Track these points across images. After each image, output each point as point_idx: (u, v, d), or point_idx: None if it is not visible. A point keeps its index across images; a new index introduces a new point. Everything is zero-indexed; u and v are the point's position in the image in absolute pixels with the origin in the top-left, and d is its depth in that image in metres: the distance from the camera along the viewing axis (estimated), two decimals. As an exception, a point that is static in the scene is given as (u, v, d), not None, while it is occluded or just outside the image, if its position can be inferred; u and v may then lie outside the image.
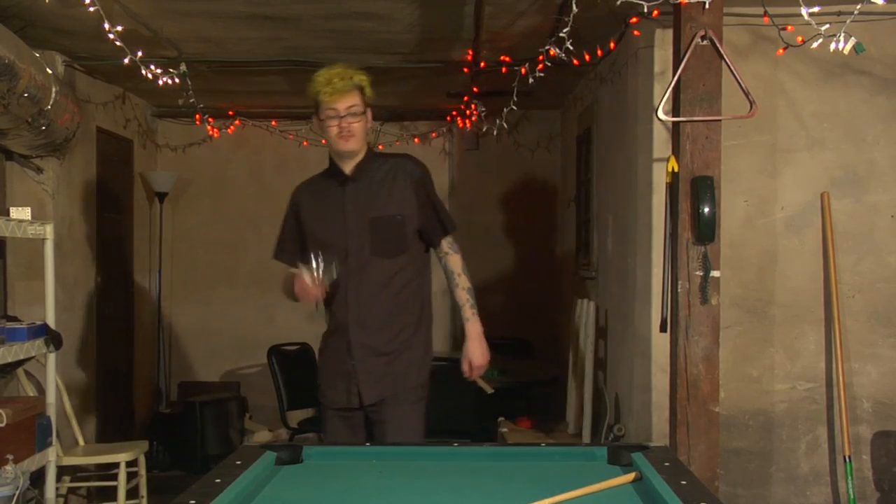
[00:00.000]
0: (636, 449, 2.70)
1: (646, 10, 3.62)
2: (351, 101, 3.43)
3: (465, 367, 3.66)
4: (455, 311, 8.03)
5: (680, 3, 3.72)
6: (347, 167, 3.53)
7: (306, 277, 3.34)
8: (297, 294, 3.46)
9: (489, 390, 3.82)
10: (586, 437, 5.25)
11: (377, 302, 3.50)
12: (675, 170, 3.83)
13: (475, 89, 6.02)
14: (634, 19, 4.23)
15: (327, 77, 3.42)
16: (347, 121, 3.42)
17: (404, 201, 3.52)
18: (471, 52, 5.36)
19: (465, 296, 3.64)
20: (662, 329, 3.96)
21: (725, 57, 3.73)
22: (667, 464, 2.48)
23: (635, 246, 4.72)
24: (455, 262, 3.66)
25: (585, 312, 5.52)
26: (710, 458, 3.75)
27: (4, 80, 4.20)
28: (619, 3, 3.58)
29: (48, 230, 4.73)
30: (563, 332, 7.02)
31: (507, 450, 3.19)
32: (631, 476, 2.47)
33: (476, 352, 3.64)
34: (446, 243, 3.64)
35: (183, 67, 5.47)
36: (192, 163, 7.90)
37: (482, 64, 5.44)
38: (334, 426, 3.64)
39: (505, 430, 5.68)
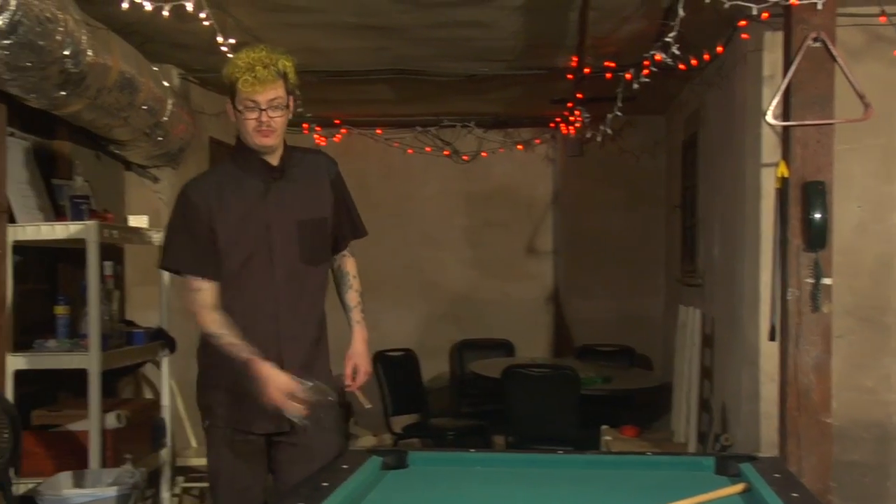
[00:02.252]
0: (745, 459, 2.66)
1: (755, 12, 3.56)
2: (274, 93, 2.97)
3: (348, 372, 3.20)
4: (555, 319, 8.06)
5: (791, 4, 3.64)
6: (273, 160, 3.09)
7: (298, 395, 2.89)
8: (265, 390, 2.90)
9: (368, 405, 3.38)
10: (692, 447, 5.17)
11: (307, 315, 3.14)
12: (785, 175, 3.75)
13: (579, 95, 5.99)
14: (743, 22, 4.16)
15: (248, 62, 2.97)
16: (268, 114, 2.98)
17: (325, 202, 3.17)
18: (575, 59, 5.34)
19: (356, 298, 3.29)
20: (771, 337, 3.88)
21: (838, 59, 3.64)
22: (777, 475, 2.44)
23: (743, 252, 4.64)
24: (351, 264, 3.32)
25: (691, 320, 5.44)
26: (822, 470, 3.66)
27: (125, 93, 4.37)
28: (727, 6, 3.53)
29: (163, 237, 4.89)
30: (668, 340, 6.93)
31: (611, 458, 3.18)
32: (740, 487, 2.43)
33: (364, 357, 3.23)
34: (349, 267, 3.32)
35: (292, 78, 5.59)
36: (300, 171, 8.04)
37: (586, 70, 5.42)
38: (233, 452, 3.12)
39: (609, 438, 5.63)
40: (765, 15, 3.72)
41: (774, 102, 3.80)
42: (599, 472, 2.71)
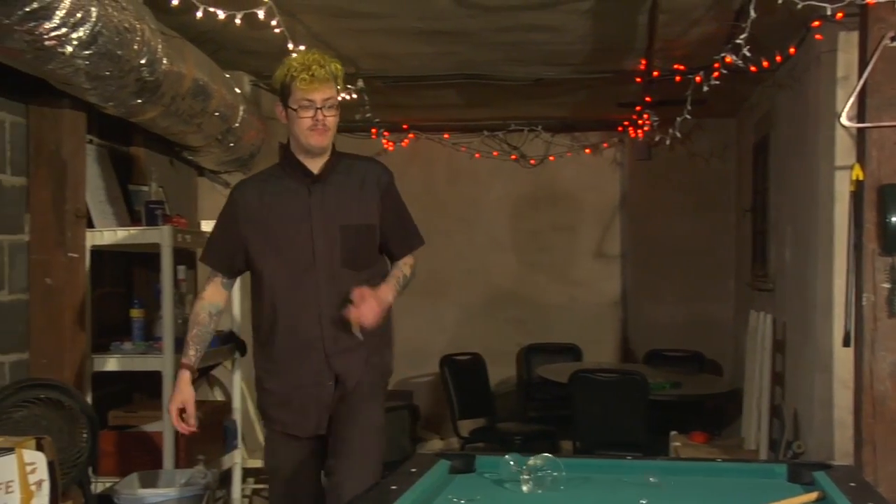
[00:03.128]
0: (819, 467, 2.62)
1: (829, 12, 3.51)
2: (329, 93, 3.07)
3: (357, 296, 3.06)
4: (623, 323, 8.00)
5: (867, 3, 3.58)
6: (314, 166, 3.16)
7: (190, 414, 3.16)
8: (170, 409, 3.18)
9: (358, 335, 3.12)
10: (763, 454, 5.10)
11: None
12: (861, 178, 3.68)
13: (647, 99, 5.95)
14: (816, 23, 4.09)
15: (304, 63, 3.06)
16: (323, 113, 3.06)
17: (373, 209, 3.21)
18: (644, 62, 5.31)
19: (400, 274, 3.28)
20: (846, 343, 3.81)
21: (916, 59, 3.57)
22: (852, 484, 2.39)
23: (816, 257, 4.56)
24: (406, 260, 3.36)
25: (762, 325, 5.36)
26: (899, 479, 3.58)
27: (199, 100, 4.46)
28: (800, 6, 3.48)
29: (235, 241, 4.96)
30: (738, 345, 6.84)
31: (681, 464, 3.14)
32: (813, 495, 2.39)
33: (373, 305, 3.07)
34: (406, 257, 3.35)
35: (360, 83, 5.65)
36: (368, 175, 8.10)
37: (655, 73, 5.38)
38: (287, 453, 3.28)
39: (678, 444, 5.58)
40: (839, 15, 3.66)
41: (849, 104, 3.73)
42: (669, 478, 2.68)
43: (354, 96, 5.61)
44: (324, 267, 3.12)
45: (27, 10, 2.99)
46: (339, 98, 3.17)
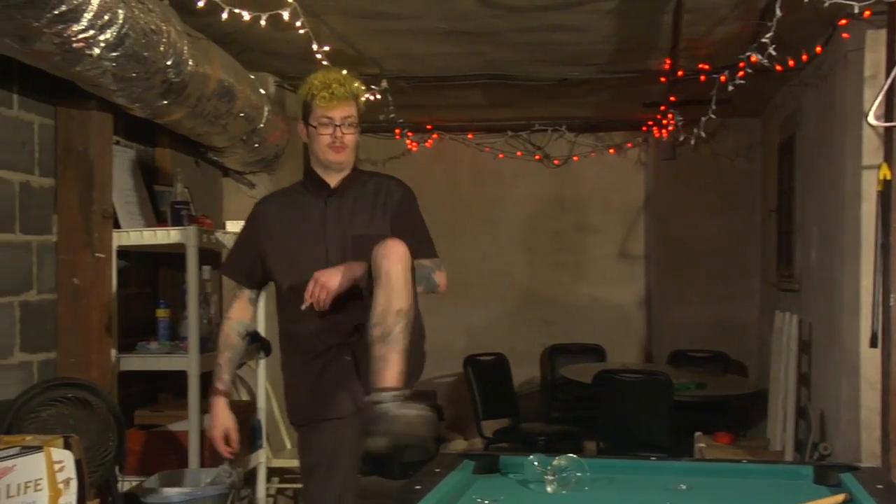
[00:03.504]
0: (845, 469, 2.60)
1: (856, 10, 3.48)
2: (348, 111, 3.14)
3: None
4: (647, 324, 7.97)
5: (895, 1, 3.55)
6: (332, 180, 3.22)
7: (233, 441, 3.22)
8: (210, 432, 3.26)
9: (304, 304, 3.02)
10: (789, 455, 5.07)
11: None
12: (888, 177, 3.67)
13: (672, 98, 5.93)
14: (843, 21, 4.07)
15: (324, 81, 3.13)
16: (342, 131, 3.13)
17: (385, 221, 3.20)
18: (668, 61, 5.29)
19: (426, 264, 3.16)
20: (873, 344, 3.79)
21: (944, 58, 3.54)
22: (880, 486, 2.38)
23: (842, 257, 4.53)
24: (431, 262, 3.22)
25: (787, 326, 5.33)
26: (927, 482, 3.55)
27: (224, 101, 4.48)
28: (826, 4, 3.46)
29: (259, 242, 4.98)
30: (763, 346, 6.80)
31: (706, 465, 3.13)
32: (840, 497, 2.38)
33: (328, 272, 2.98)
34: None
35: (384, 84, 5.66)
36: (392, 176, 8.12)
37: (680, 73, 5.36)
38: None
39: (702, 445, 5.56)
40: (867, 13, 3.63)
41: (876, 103, 3.71)
42: (694, 479, 2.67)
43: (378, 97, 5.62)
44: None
45: (56, 12, 3.02)
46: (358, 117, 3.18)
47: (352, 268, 3.02)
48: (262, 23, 3.87)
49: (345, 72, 3.22)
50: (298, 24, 4.00)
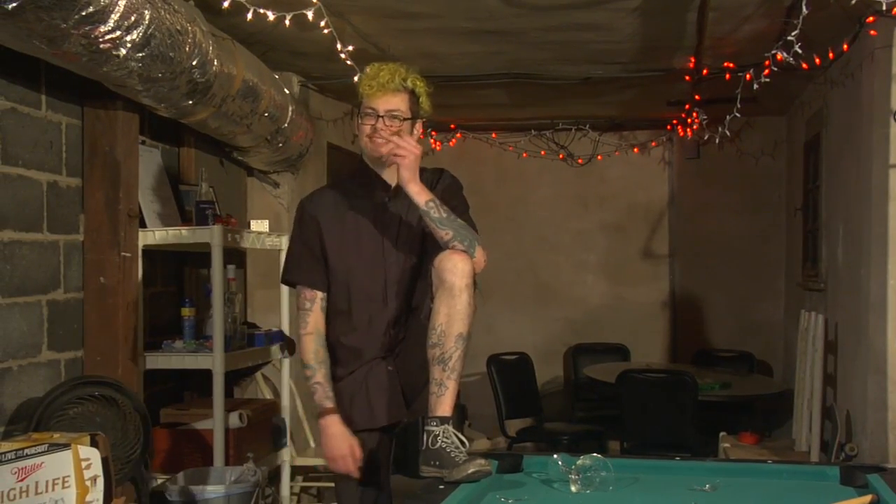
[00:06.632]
0: (872, 470, 2.59)
1: (884, 7, 3.45)
2: (393, 104, 2.93)
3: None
4: (671, 323, 7.93)
5: (922, -1, 3.52)
6: (391, 178, 3.03)
7: (356, 456, 2.98)
8: (335, 452, 3.00)
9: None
10: (815, 456, 5.04)
11: (420, 328, 2.97)
12: (916, 176, 3.63)
13: (696, 97, 5.90)
14: (871, 18, 4.03)
15: (375, 70, 2.96)
16: (384, 122, 2.92)
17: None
18: (693, 60, 5.27)
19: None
20: (901, 345, 3.76)
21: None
22: (907, 487, 2.36)
23: (869, 256, 4.50)
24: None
25: (813, 325, 5.29)
26: (955, 483, 3.52)
27: (248, 101, 4.51)
28: (853, 2, 3.43)
29: (283, 241, 5.01)
30: (789, 346, 6.76)
31: (731, 466, 3.12)
32: (867, 499, 2.36)
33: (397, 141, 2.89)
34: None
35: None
36: (415, 175, 8.13)
37: (704, 71, 5.34)
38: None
39: (727, 445, 5.53)
40: (895, 10, 3.60)
41: (904, 101, 3.68)
42: (718, 479, 2.66)
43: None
44: (394, 280, 3.02)
45: (83, 13, 3.05)
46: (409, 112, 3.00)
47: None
48: (287, 23, 3.88)
49: (403, 66, 3.03)
50: (322, 23, 4.01)
